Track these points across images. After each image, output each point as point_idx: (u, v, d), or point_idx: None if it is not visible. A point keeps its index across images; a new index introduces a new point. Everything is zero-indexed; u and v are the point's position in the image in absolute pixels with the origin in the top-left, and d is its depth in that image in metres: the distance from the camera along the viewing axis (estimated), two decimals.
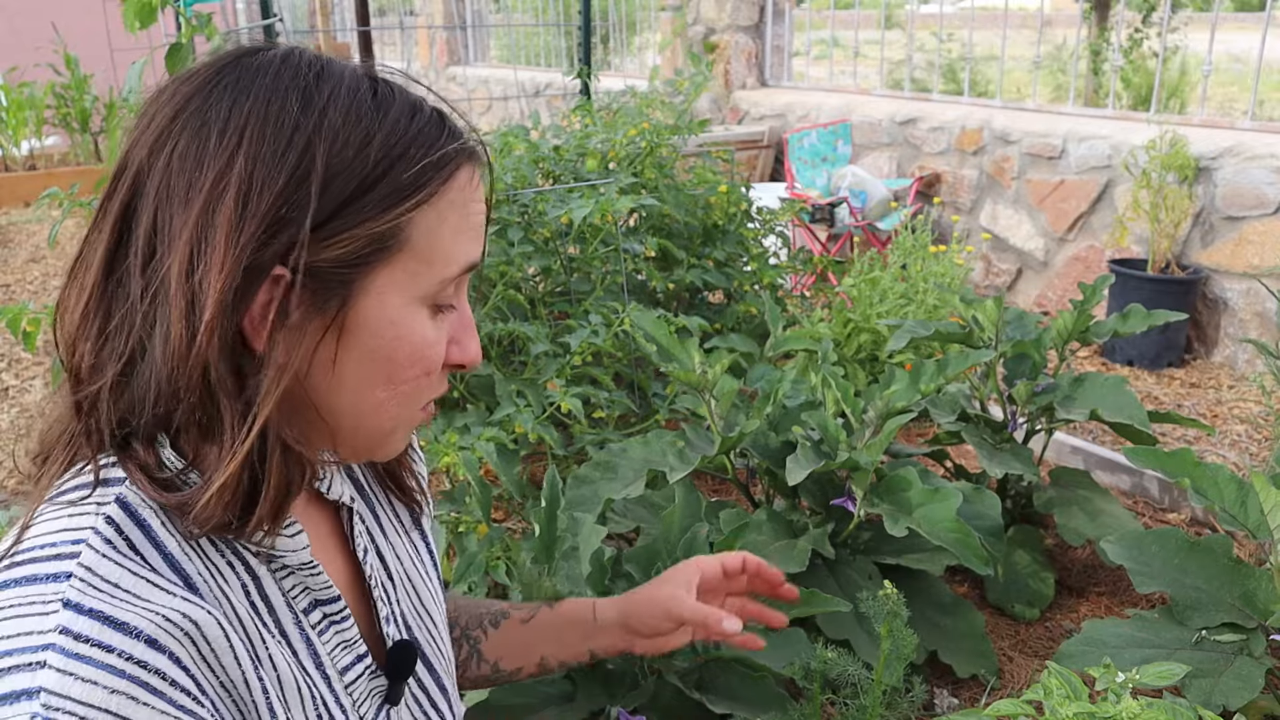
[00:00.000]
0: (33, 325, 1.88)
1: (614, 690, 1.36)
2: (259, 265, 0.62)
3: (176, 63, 2.06)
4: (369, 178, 0.64)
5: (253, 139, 0.63)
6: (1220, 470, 1.53)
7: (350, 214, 0.64)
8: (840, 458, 1.61)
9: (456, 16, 8.13)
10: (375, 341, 0.67)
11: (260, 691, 0.66)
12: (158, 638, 0.59)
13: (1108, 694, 0.93)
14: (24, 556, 0.61)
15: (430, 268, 0.67)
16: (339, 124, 0.64)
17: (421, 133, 0.67)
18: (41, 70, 6.56)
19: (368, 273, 0.65)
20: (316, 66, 0.66)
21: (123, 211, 0.64)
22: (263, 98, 0.64)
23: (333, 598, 0.74)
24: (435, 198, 0.67)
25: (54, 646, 0.56)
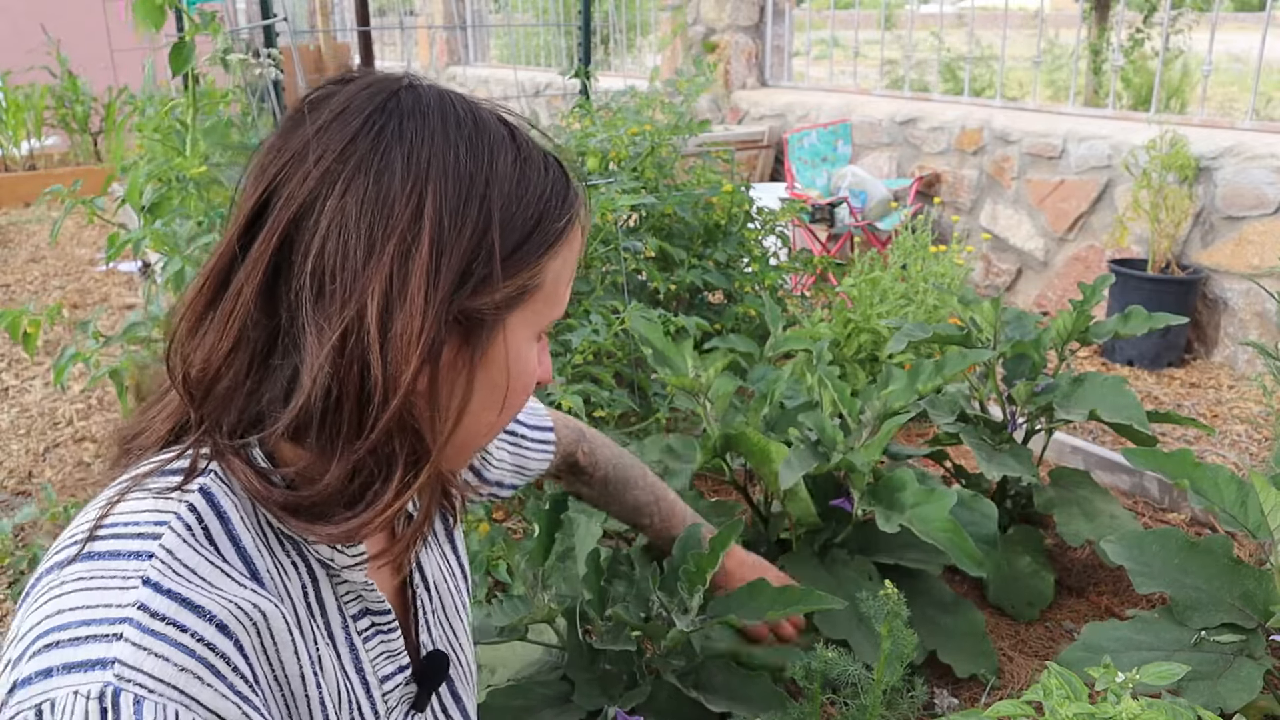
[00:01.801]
0: (33, 328, 1.88)
1: (611, 690, 1.36)
2: (448, 316, 0.66)
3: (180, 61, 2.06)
4: (526, 230, 0.69)
5: (438, 190, 0.65)
6: (1220, 470, 1.53)
7: (511, 264, 0.68)
8: (835, 459, 1.61)
9: (456, 16, 8.13)
10: (500, 374, 0.72)
11: (314, 688, 0.69)
12: (228, 624, 0.62)
13: (1107, 694, 0.93)
14: (108, 532, 0.64)
15: (550, 307, 0.74)
16: (503, 177, 0.68)
17: (556, 183, 0.72)
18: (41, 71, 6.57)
19: (508, 315, 0.70)
20: (469, 112, 0.70)
21: (281, 244, 0.65)
22: (439, 147, 0.67)
23: (384, 610, 0.77)
24: (564, 246, 0.72)
25: (131, 621, 0.59)
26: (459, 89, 0.74)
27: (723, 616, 1.35)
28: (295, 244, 0.65)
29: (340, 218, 0.64)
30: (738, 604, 1.39)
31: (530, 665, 1.45)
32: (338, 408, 0.65)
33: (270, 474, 0.67)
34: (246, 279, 0.66)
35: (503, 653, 1.47)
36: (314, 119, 0.67)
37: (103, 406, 3.08)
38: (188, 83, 2.26)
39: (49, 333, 3.76)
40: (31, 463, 2.73)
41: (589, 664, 1.40)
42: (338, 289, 0.64)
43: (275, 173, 0.67)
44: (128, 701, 0.56)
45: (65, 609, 0.60)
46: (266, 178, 0.67)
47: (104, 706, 0.56)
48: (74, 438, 2.87)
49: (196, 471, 0.67)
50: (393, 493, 0.67)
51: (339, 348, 0.64)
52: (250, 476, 0.66)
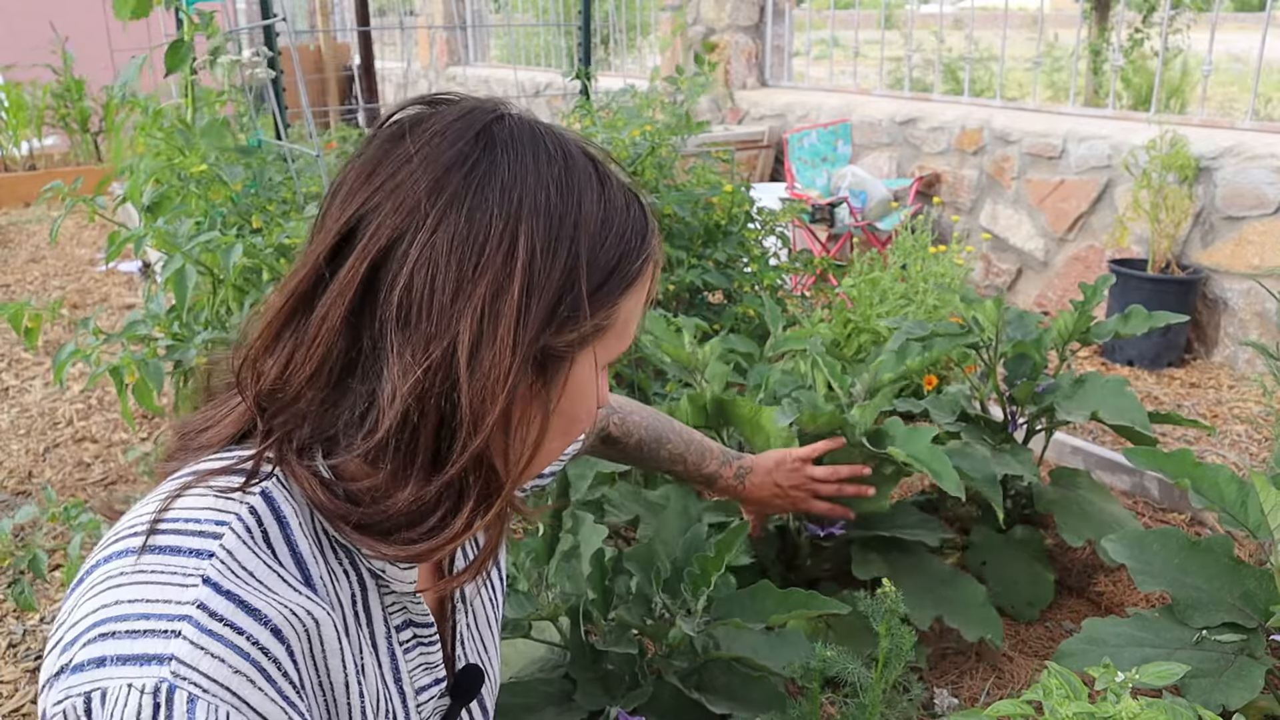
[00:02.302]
0: (34, 322, 1.88)
1: (613, 690, 1.36)
2: (534, 355, 0.66)
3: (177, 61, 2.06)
4: (607, 270, 0.70)
5: (530, 231, 0.66)
6: (1220, 470, 1.53)
7: (592, 303, 0.69)
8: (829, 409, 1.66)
9: (456, 16, 8.13)
10: (571, 406, 0.72)
11: (357, 695, 0.69)
12: (281, 629, 0.62)
13: (1107, 694, 0.93)
14: (169, 527, 0.64)
15: (621, 342, 0.74)
16: (590, 218, 0.69)
17: (636, 222, 0.72)
18: (41, 70, 6.57)
19: (583, 350, 0.71)
20: (559, 147, 0.70)
21: (371, 272, 0.66)
22: (531, 185, 0.67)
23: (427, 623, 0.78)
24: (640, 282, 0.73)
25: (190, 619, 0.59)
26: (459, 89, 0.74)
27: (725, 619, 1.35)
28: (383, 273, 0.65)
29: (431, 252, 0.64)
30: (741, 607, 1.39)
31: (533, 663, 1.45)
32: (414, 437, 0.65)
33: (334, 486, 0.68)
34: (333, 303, 0.66)
35: (506, 650, 1.47)
36: (406, 145, 0.68)
37: (103, 407, 3.08)
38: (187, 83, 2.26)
39: (49, 333, 3.76)
40: (31, 463, 2.73)
41: (591, 663, 1.40)
42: (425, 323, 0.64)
43: (365, 198, 0.67)
44: (181, 699, 0.56)
45: (124, 600, 0.60)
46: (355, 202, 0.67)
47: (157, 702, 0.56)
48: (74, 438, 2.87)
49: (260, 475, 0.67)
50: (463, 523, 0.68)
51: (422, 381, 0.64)
52: (315, 487, 0.67)
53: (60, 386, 3.21)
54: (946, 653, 1.75)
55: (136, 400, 1.87)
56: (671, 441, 1.45)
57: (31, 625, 1.97)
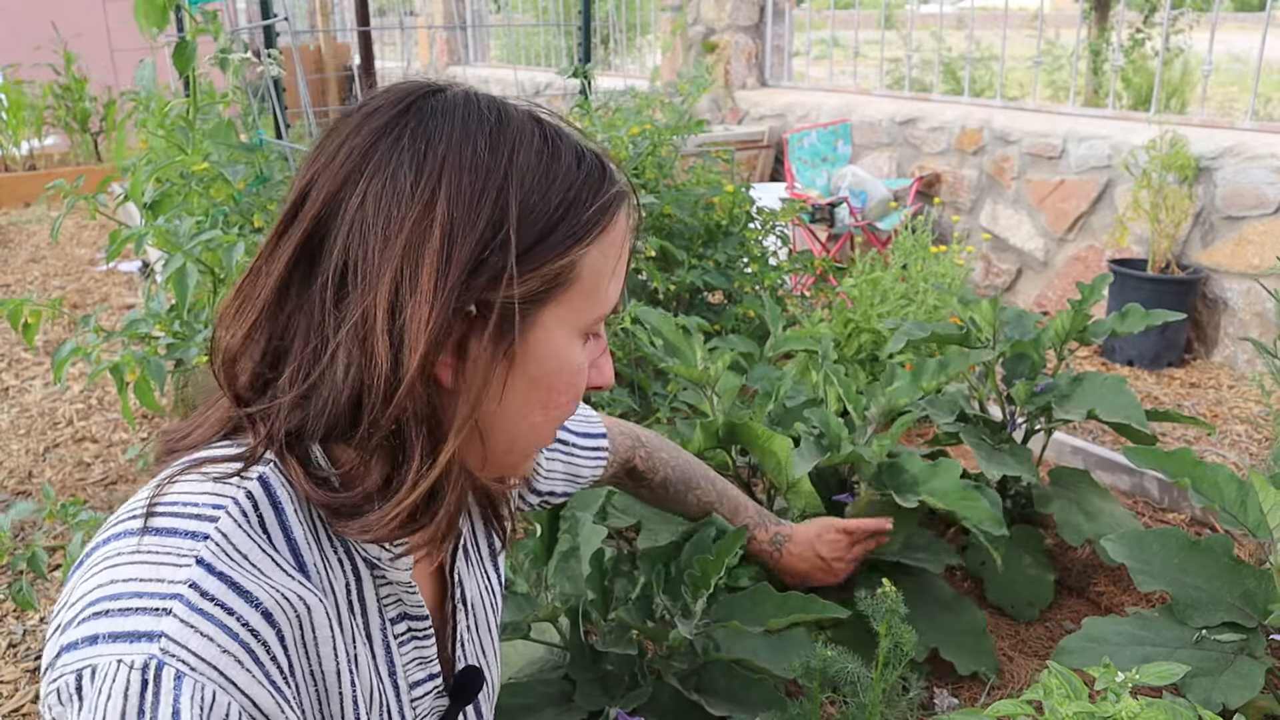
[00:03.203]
0: (33, 318, 1.88)
1: (613, 691, 1.36)
2: (460, 306, 0.66)
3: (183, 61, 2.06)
4: (551, 220, 0.68)
5: (451, 182, 0.66)
6: (1220, 470, 1.53)
7: (535, 255, 0.67)
8: (845, 450, 1.62)
9: (456, 16, 8.13)
10: (539, 371, 0.71)
11: (349, 685, 0.70)
12: (273, 613, 0.63)
13: (1107, 693, 0.93)
14: (165, 510, 0.65)
15: (591, 302, 0.72)
16: (525, 168, 0.68)
17: (590, 175, 0.71)
18: (41, 70, 6.57)
19: (540, 308, 0.69)
20: (495, 110, 0.70)
21: (304, 244, 0.67)
22: (455, 141, 0.67)
23: (421, 615, 0.78)
24: (601, 237, 0.71)
25: (181, 598, 0.60)
26: None
27: (725, 621, 1.36)
28: (322, 246, 0.67)
29: (360, 216, 0.65)
30: (741, 610, 1.39)
31: (533, 664, 1.45)
32: (361, 404, 0.66)
33: (319, 474, 0.68)
34: (272, 280, 0.67)
35: (505, 651, 1.47)
36: (344, 125, 0.69)
37: (103, 406, 3.08)
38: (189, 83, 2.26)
39: (49, 332, 3.76)
40: (31, 463, 2.73)
41: (591, 664, 1.40)
42: (356, 284, 0.65)
43: (308, 177, 0.68)
44: (169, 676, 0.57)
45: (118, 579, 0.61)
46: (300, 181, 0.69)
47: (145, 678, 0.57)
48: (74, 438, 2.87)
49: (256, 460, 0.68)
50: (407, 488, 0.67)
51: (354, 341, 0.65)
52: (300, 475, 0.68)
53: (60, 386, 3.21)
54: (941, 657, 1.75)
55: (137, 399, 1.87)
56: (701, 488, 1.44)
57: (32, 625, 1.97)
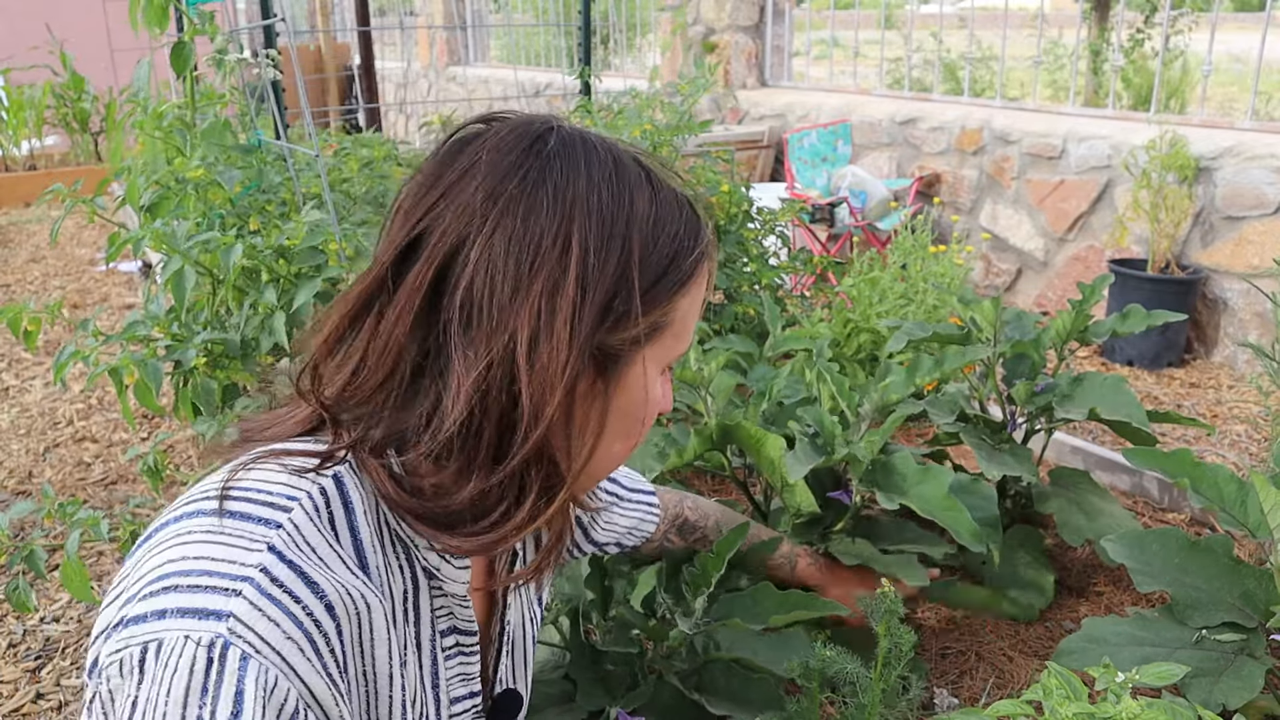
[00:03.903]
0: (33, 325, 1.88)
1: (613, 691, 1.36)
2: (590, 349, 0.69)
3: (180, 62, 2.06)
4: (662, 267, 0.72)
5: (583, 228, 0.68)
6: (1219, 470, 1.53)
7: (647, 300, 0.71)
8: (839, 453, 1.62)
9: (456, 16, 8.13)
10: (629, 405, 0.74)
11: (399, 689, 0.71)
12: (335, 606, 0.64)
13: (1107, 694, 0.93)
14: (241, 494, 0.67)
15: (679, 343, 0.76)
16: (642, 216, 0.71)
17: (689, 223, 0.74)
18: (42, 70, 6.57)
19: (640, 349, 0.72)
20: (610, 153, 0.73)
21: (436, 278, 0.68)
22: (583, 188, 0.69)
23: (471, 630, 0.80)
24: (695, 282, 0.75)
25: (252, 581, 0.61)
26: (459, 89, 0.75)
27: (726, 620, 1.35)
28: (447, 279, 0.68)
29: (490, 254, 0.67)
30: (742, 607, 1.39)
31: (535, 662, 1.45)
32: (478, 433, 0.68)
33: (404, 481, 0.70)
34: (402, 311, 0.68)
35: None
36: (464, 159, 0.71)
37: (103, 407, 3.08)
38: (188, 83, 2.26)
39: (49, 332, 3.76)
40: (31, 463, 2.73)
41: (591, 664, 1.40)
42: (485, 321, 0.67)
43: (427, 209, 0.70)
44: (235, 656, 0.58)
45: (190, 556, 0.62)
46: (418, 213, 0.70)
47: (211, 656, 0.57)
48: (74, 438, 2.87)
49: (334, 459, 0.69)
50: (525, 516, 0.70)
51: (484, 377, 0.66)
52: (384, 479, 0.69)
53: (60, 386, 3.21)
54: (946, 653, 1.75)
55: (137, 399, 1.87)
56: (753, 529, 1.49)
57: (31, 625, 1.97)
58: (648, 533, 1.28)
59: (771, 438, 1.58)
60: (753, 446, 1.63)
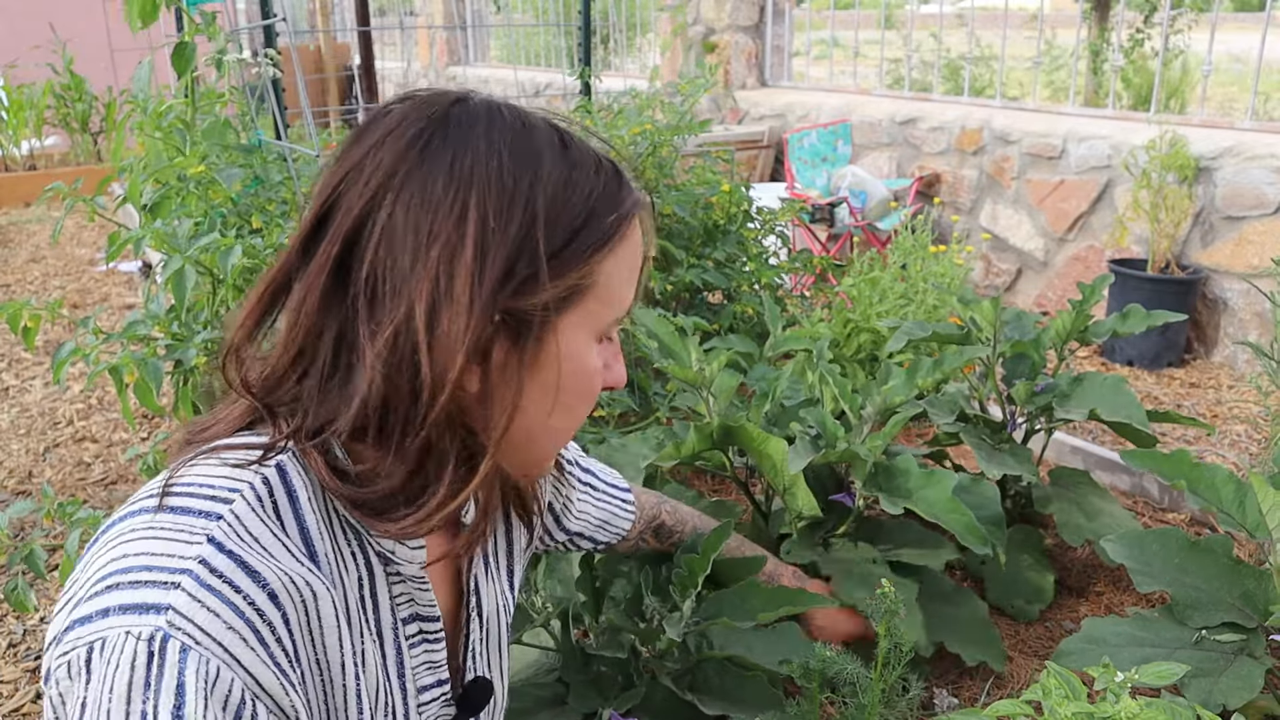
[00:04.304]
0: (33, 321, 1.88)
1: (606, 692, 1.36)
2: (493, 315, 0.67)
3: (182, 62, 2.06)
4: (573, 229, 0.70)
5: (481, 193, 0.67)
6: (1217, 471, 1.53)
7: (559, 263, 0.69)
8: (840, 448, 1.62)
9: (456, 16, 8.13)
10: (555, 375, 0.72)
11: (353, 678, 0.70)
12: (279, 594, 0.64)
13: (1107, 693, 0.93)
14: (183, 490, 0.67)
15: (607, 308, 0.73)
16: (549, 178, 0.70)
17: (609, 184, 0.73)
18: (41, 70, 6.57)
19: (561, 315, 0.70)
20: (518, 119, 0.72)
21: (340, 255, 0.68)
22: (483, 153, 0.68)
23: (433, 616, 0.79)
24: (619, 245, 0.72)
25: (191, 573, 0.61)
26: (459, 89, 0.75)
27: (715, 619, 1.35)
28: (353, 255, 0.68)
29: (390, 226, 0.67)
30: (730, 606, 1.39)
31: (527, 667, 1.45)
32: (390, 407, 0.67)
33: (343, 467, 0.70)
34: (310, 288, 0.69)
35: None
36: (370, 135, 0.71)
37: (103, 406, 3.08)
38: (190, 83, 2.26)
39: (49, 332, 3.76)
40: (31, 463, 2.73)
41: (583, 666, 1.40)
42: (388, 293, 0.67)
43: (334, 186, 0.70)
44: (174, 649, 0.58)
45: (130, 554, 0.62)
46: (326, 191, 0.70)
47: (151, 650, 0.58)
48: (74, 438, 2.87)
49: (275, 449, 0.69)
50: (445, 490, 0.69)
51: (390, 349, 0.66)
52: (321, 467, 0.69)
53: (60, 386, 3.22)
54: (946, 653, 1.75)
55: (137, 399, 1.87)
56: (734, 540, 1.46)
57: (31, 625, 1.97)
58: (621, 530, 1.26)
59: (774, 439, 1.58)
60: (755, 447, 1.63)
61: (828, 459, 1.64)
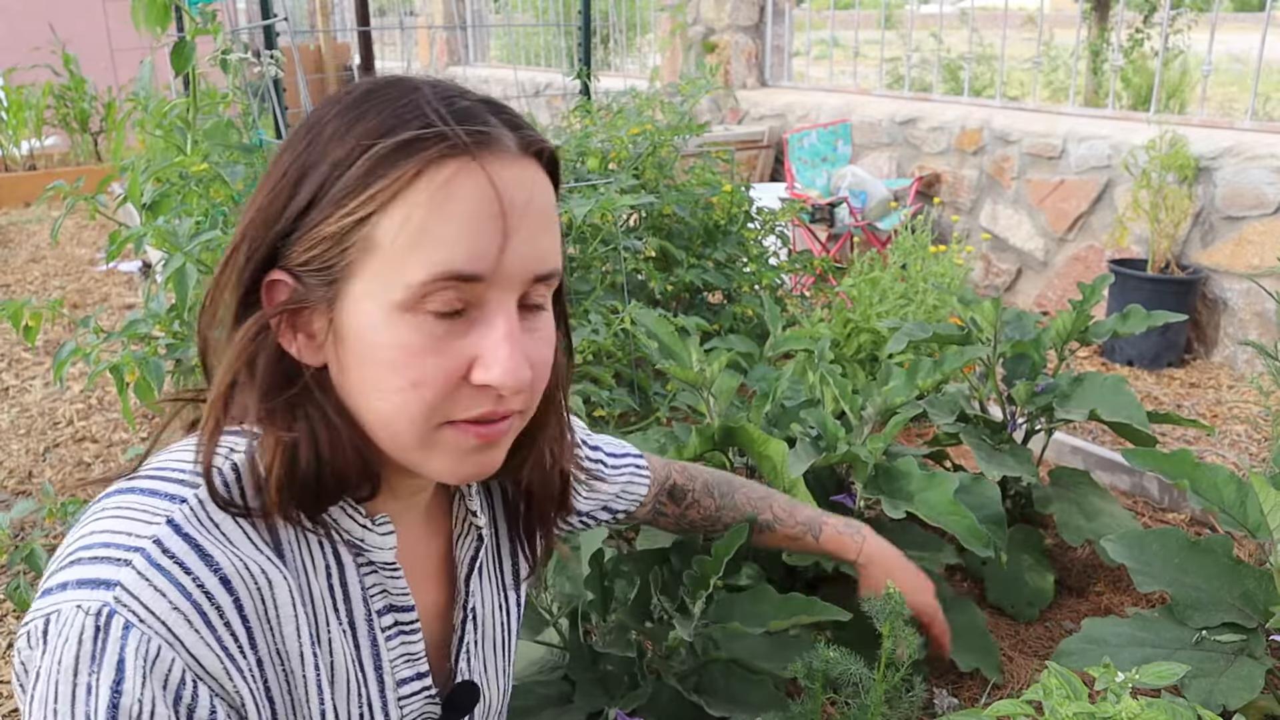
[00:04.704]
0: (34, 320, 1.88)
1: (612, 691, 1.36)
2: (256, 278, 0.67)
3: (182, 62, 2.06)
4: (330, 176, 0.65)
5: (272, 168, 0.69)
6: (1219, 471, 1.53)
7: (315, 212, 0.65)
8: (840, 450, 1.62)
9: (456, 16, 8.13)
10: (360, 348, 0.66)
11: (312, 668, 0.70)
12: (231, 579, 0.64)
13: (1107, 694, 0.93)
14: (155, 473, 0.68)
15: (400, 272, 0.63)
16: (327, 127, 0.67)
17: (394, 129, 0.64)
18: (42, 70, 6.56)
19: (345, 276, 0.65)
20: (374, 82, 0.69)
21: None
22: (300, 127, 0.69)
23: (407, 606, 0.77)
24: (398, 197, 0.63)
25: (143, 551, 0.62)
26: None
27: (726, 623, 1.35)
28: None
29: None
30: (741, 610, 1.39)
31: (533, 664, 1.45)
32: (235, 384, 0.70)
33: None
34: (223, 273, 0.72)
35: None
36: None
37: (103, 406, 3.08)
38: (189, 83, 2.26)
39: (49, 332, 3.75)
40: (31, 463, 2.73)
41: (590, 665, 1.40)
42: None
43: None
44: (118, 625, 0.59)
45: (96, 531, 0.63)
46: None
47: (98, 625, 0.59)
48: (74, 438, 2.87)
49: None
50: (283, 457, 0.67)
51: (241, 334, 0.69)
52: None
53: (60, 386, 3.21)
54: None
55: (138, 398, 1.87)
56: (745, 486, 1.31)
57: None
58: (640, 495, 1.17)
59: (774, 441, 1.58)
60: (755, 449, 1.63)
61: (828, 461, 1.64)
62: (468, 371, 0.66)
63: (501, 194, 0.64)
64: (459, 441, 0.68)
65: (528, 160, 0.68)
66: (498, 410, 0.68)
